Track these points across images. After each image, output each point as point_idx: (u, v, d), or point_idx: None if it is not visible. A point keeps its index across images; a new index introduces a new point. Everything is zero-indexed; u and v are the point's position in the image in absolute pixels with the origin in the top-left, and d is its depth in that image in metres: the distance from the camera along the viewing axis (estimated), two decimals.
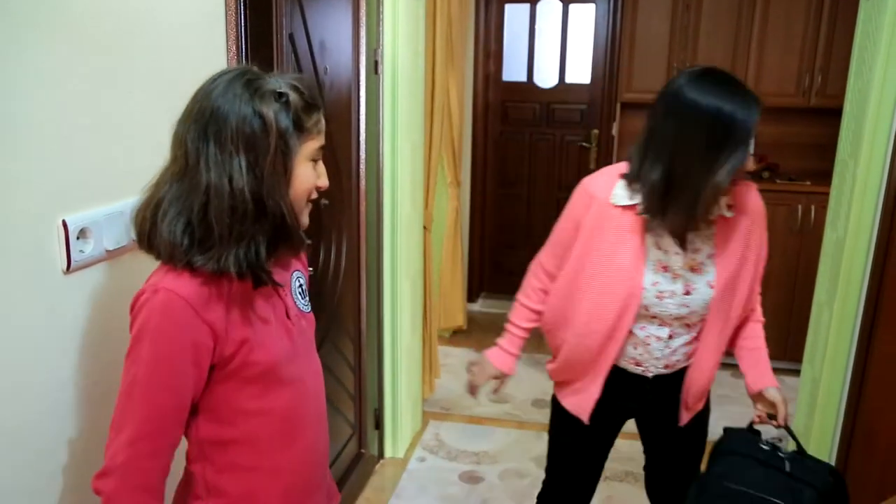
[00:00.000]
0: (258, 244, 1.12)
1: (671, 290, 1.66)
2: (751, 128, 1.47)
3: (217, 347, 1.14)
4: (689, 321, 1.71)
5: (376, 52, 2.70)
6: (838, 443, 2.77)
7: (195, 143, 1.10)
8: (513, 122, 4.92)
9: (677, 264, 1.65)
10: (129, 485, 1.11)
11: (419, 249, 3.25)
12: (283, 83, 1.13)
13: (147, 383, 1.10)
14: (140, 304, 1.11)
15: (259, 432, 1.22)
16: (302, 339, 1.29)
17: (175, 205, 1.11)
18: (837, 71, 3.92)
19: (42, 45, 1.16)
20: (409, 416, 3.22)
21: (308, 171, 1.17)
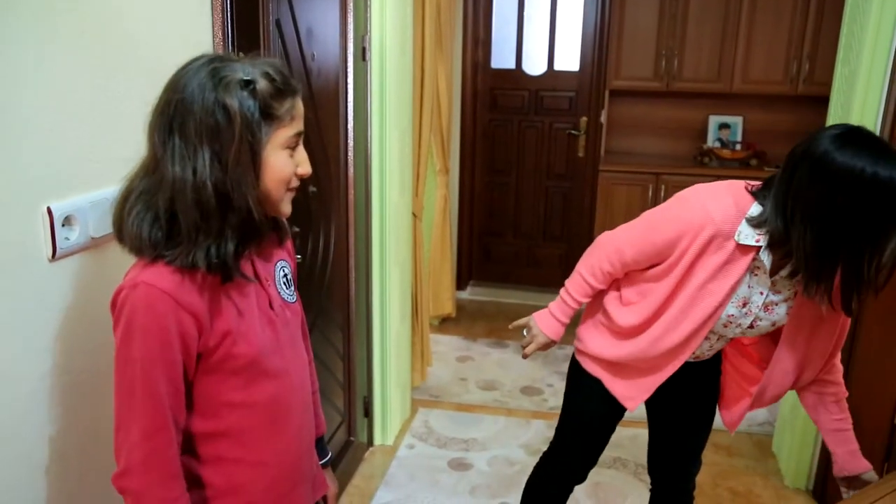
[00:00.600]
0: (226, 239, 1.10)
1: (739, 323, 1.67)
2: None
3: (202, 337, 1.13)
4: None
5: (364, 39, 2.69)
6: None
7: (161, 136, 1.08)
8: (501, 109, 4.91)
9: (756, 301, 1.63)
10: (155, 477, 1.11)
11: (408, 237, 3.24)
12: (253, 70, 1.09)
13: (146, 380, 1.09)
14: (121, 301, 1.10)
15: (244, 424, 1.21)
16: (286, 331, 1.27)
17: (142, 199, 1.10)
18: (825, 58, 3.93)
19: (24, 33, 1.14)
20: (398, 403, 3.23)
21: (282, 160, 1.14)
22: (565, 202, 4.91)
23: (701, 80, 4.22)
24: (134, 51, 1.40)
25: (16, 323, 1.18)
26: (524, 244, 5.02)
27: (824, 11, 3.97)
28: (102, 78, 1.32)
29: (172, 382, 1.11)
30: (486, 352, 4.20)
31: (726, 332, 1.72)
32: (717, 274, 1.58)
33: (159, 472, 1.12)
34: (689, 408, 1.95)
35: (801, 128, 4.33)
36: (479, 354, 4.16)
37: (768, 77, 4.15)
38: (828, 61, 3.67)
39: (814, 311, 1.58)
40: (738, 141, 4.44)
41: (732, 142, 4.44)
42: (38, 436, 1.25)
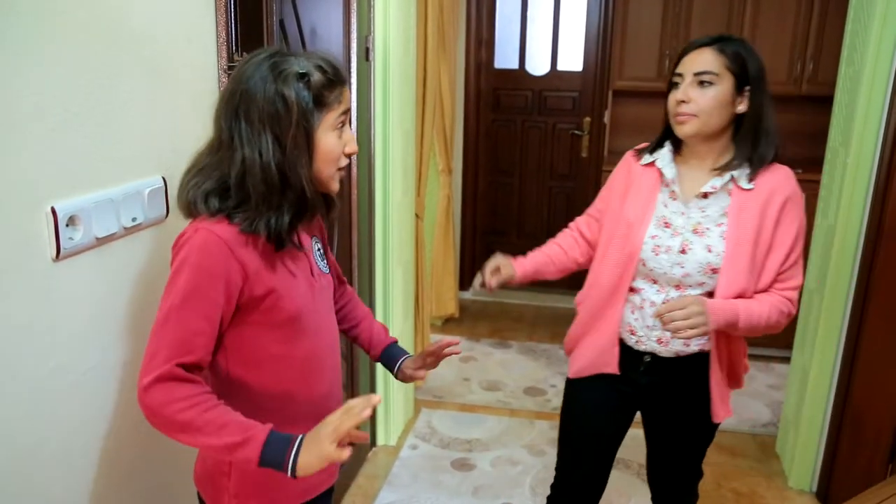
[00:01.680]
0: (284, 213, 1.23)
1: (668, 246, 1.70)
2: None
3: (245, 287, 1.23)
4: (689, 291, 1.70)
5: (367, 39, 2.69)
6: (827, 430, 2.80)
7: (228, 122, 1.22)
8: (505, 109, 4.91)
9: (680, 222, 1.71)
10: (170, 386, 1.16)
11: (411, 237, 3.24)
12: (307, 64, 1.23)
13: (181, 309, 1.18)
14: (181, 242, 1.22)
15: (282, 376, 1.32)
16: (322, 296, 1.40)
17: (205, 171, 1.25)
18: (829, 58, 3.92)
19: (29, 32, 1.14)
20: (401, 403, 3.23)
21: (333, 140, 1.27)
22: (569, 202, 4.91)
23: None
24: (138, 50, 1.40)
25: (20, 323, 1.18)
26: (527, 244, 4.96)
27: (828, 11, 3.96)
28: (106, 77, 1.32)
29: (208, 320, 1.20)
30: (489, 352, 4.19)
31: (661, 265, 1.70)
32: (632, 200, 1.76)
33: (174, 391, 1.16)
34: (683, 425, 1.91)
35: (806, 128, 4.33)
36: (482, 355, 4.16)
37: (772, 77, 4.06)
38: (832, 61, 3.67)
39: (748, 230, 1.65)
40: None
41: None
42: (43, 435, 1.25)
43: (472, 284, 1.91)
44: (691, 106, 1.66)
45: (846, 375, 2.69)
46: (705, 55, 1.67)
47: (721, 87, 1.65)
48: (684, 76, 1.67)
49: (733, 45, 1.68)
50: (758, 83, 1.68)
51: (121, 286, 1.39)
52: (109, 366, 1.39)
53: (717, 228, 1.68)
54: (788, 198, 1.68)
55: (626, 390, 1.87)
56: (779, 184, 1.68)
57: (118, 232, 1.36)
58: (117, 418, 1.41)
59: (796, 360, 3.04)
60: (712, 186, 1.68)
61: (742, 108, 1.68)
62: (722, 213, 1.68)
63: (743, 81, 1.67)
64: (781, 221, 1.67)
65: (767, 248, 1.67)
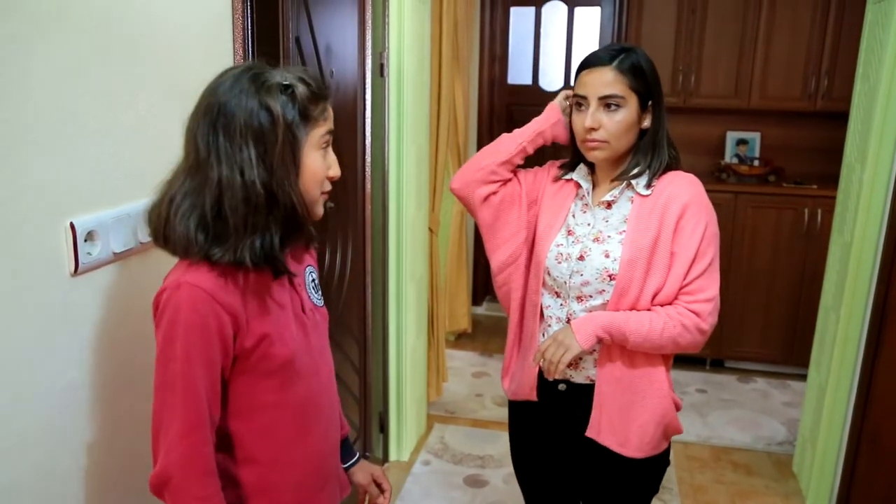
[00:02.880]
0: (272, 234, 1.15)
1: (568, 253, 1.65)
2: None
3: (238, 337, 1.16)
4: (590, 302, 1.62)
5: (382, 56, 2.71)
6: (845, 448, 2.76)
7: (205, 139, 1.12)
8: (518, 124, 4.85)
9: (582, 231, 1.66)
10: (192, 474, 1.13)
11: (424, 252, 3.25)
12: (290, 76, 1.16)
13: (186, 378, 1.11)
14: (164, 301, 1.13)
15: (277, 424, 1.24)
16: (316, 333, 1.31)
17: (188, 199, 1.13)
18: (844, 74, 3.91)
19: (50, 48, 1.16)
20: (413, 419, 3.22)
21: (318, 160, 1.20)
22: None
23: (718, 95, 4.20)
24: (157, 68, 1.42)
25: (39, 337, 1.19)
26: None
27: (842, 27, 3.95)
28: (126, 94, 1.34)
29: (211, 381, 1.14)
30: None
31: (562, 273, 1.64)
32: (543, 210, 1.74)
33: (196, 469, 1.13)
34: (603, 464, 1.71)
35: (820, 144, 4.31)
36: (495, 370, 4.14)
37: (786, 93, 4.13)
38: (846, 77, 3.65)
39: (647, 236, 1.58)
40: (755, 157, 4.41)
41: (750, 158, 4.41)
42: (62, 448, 1.26)
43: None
44: (601, 132, 1.58)
45: (864, 393, 2.66)
46: (606, 76, 1.57)
47: (628, 110, 1.58)
48: (588, 99, 1.59)
49: (630, 58, 1.58)
50: (657, 94, 1.63)
51: (137, 301, 1.40)
52: (127, 379, 1.39)
53: (617, 235, 1.62)
54: (688, 203, 1.58)
55: (549, 420, 1.75)
56: (679, 189, 1.60)
57: (135, 247, 1.37)
58: (132, 435, 1.42)
59: (813, 377, 3.01)
60: (612, 195, 1.64)
61: (648, 124, 1.63)
62: (623, 221, 1.63)
63: (647, 97, 1.60)
64: (682, 228, 1.57)
65: (669, 256, 1.57)
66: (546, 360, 1.59)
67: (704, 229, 1.57)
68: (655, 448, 1.67)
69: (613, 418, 1.65)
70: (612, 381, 1.64)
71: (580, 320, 1.59)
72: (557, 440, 1.76)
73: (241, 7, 1.69)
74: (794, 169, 4.32)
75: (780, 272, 4.03)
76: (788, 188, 4.06)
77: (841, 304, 2.72)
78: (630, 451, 1.65)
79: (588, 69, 1.61)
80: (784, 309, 4.05)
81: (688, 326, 1.56)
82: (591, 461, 1.71)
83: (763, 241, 4.04)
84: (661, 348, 1.59)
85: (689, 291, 1.57)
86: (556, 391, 1.71)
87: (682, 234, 1.57)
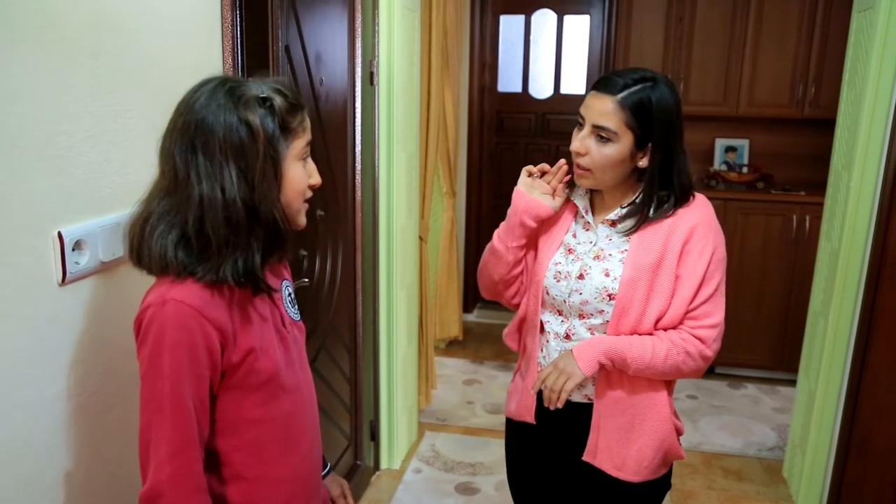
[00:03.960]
0: (254, 252, 1.13)
1: (567, 271, 1.60)
2: None
3: (225, 352, 1.14)
4: (590, 321, 1.58)
5: (372, 64, 2.71)
6: (835, 453, 2.77)
7: (183, 157, 1.10)
8: (508, 132, 4.93)
9: (583, 249, 1.62)
10: (183, 493, 1.11)
11: (415, 260, 3.25)
12: (266, 88, 1.14)
13: (175, 396, 1.09)
14: (149, 318, 1.10)
15: (262, 440, 1.22)
16: (295, 347, 1.30)
17: (165, 219, 1.11)
18: (831, 82, 3.94)
19: (37, 57, 1.16)
20: (404, 427, 3.21)
21: (299, 172, 1.18)
22: None
23: (707, 103, 4.23)
24: (145, 77, 1.42)
25: (26, 346, 1.18)
26: None
27: (829, 35, 3.98)
28: (115, 102, 1.34)
29: (199, 398, 1.12)
30: (493, 375, 4.18)
31: (561, 292, 1.60)
32: (547, 236, 1.68)
33: (188, 487, 1.12)
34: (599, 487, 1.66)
35: (808, 151, 4.34)
36: (486, 377, 4.14)
37: (774, 100, 4.16)
38: (833, 84, 3.69)
39: (650, 256, 1.52)
40: (744, 164, 4.44)
41: (739, 164, 4.44)
42: (48, 458, 1.25)
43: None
44: (587, 160, 1.53)
45: (853, 398, 2.67)
46: (606, 105, 1.49)
47: (619, 146, 1.50)
48: (585, 121, 1.53)
49: (640, 93, 1.49)
50: (663, 136, 1.51)
51: (125, 310, 1.40)
52: (112, 391, 1.39)
53: (618, 254, 1.57)
54: (696, 225, 1.52)
55: (546, 441, 1.71)
56: (689, 210, 1.55)
57: (123, 256, 1.37)
58: (120, 446, 1.41)
59: (802, 383, 3.03)
60: (617, 214, 1.58)
61: (644, 164, 1.53)
62: (625, 240, 1.57)
63: (645, 138, 1.51)
64: (689, 252, 1.52)
65: (673, 279, 1.52)
66: (547, 387, 1.54)
67: (712, 253, 1.53)
68: (654, 473, 1.62)
69: (611, 441, 1.60)
70: (611, 402, 1.59)
71: (581, 346, 1.54)
72: (554, 462, 1.71)
73: (231, 15, 1.69)
74: (782, 175, 4.34)
75: (769, 278, 4.05)
76: (777, 195, 4.09)
77: (829, 309, 2.74)
78: (627, 474, 1.60)
79: (595, 91, 1.53)
80: (773, 315, 4.07)
81: (691, 353, 1.52)
82: (587, 484, 1.66)
83: (752, 247, 4.06)
84: (663, 375, 1.55)
85: (694, 317, 1.53)
86: (555, 410, 1.62)
87: (688, 257, 1.52)
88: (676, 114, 1.54)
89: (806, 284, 3.40)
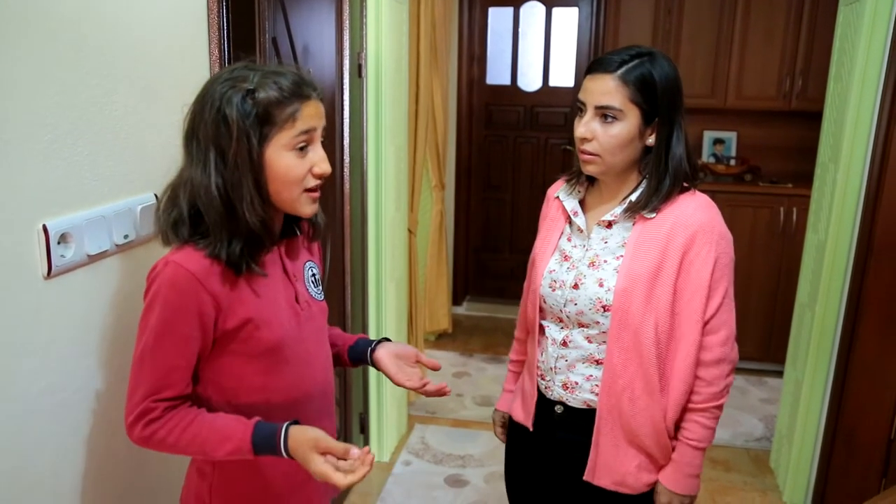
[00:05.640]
0: (235, 238, 1.18)
1: (562, 281, 1.55)
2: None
3: (220, 318, 1.20)
4: (588, 331, 1.53)
5: (360, 56, 2.70)
6: (821, 444, 2.80)
7: (186, 141, 1.20)
8: (497, 125, 4.93)
9: (578, 255, 1.56)
10: (148, 433, 1.18)
11: (404, 253, 3.24)
12: (264, 79, 1.17)
13: (155, 347, 1.17)
14: (153, 276, 1.19)
15: (264, 408, 1.26)
16: (310, 324, 1.34)
17: (169, 196, 1.22)
18: (818, 75, 3.96)
19: (20, 49, 1.15)
20: (394, 419, 3.21)
21: (289, 161, 1.19)
22: None
23: (695, 95, 4.24)
24: (131, 68, 1.40)
25: (10, 341, 1.17)
26: (520, 259, 5.02)
27: (816, 28, 4.00)
28: (101, 94, 1.32)
29: (183, 355, 1.19)
30: (483, 367, 4.19)
31: (557, 301, 1.55)
32: (541, 232, 1.67)
33: (153, 428, 1.18)
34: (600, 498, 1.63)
35: (795, 143, 4.36)
36: (476, 370, 4.15)
37: (762, 93, 4.18)
38: (821, 77, 3.70)
39: (646, 265, 1.46)
40: (732, 156, 4.46)
41: (727, 157, 4.46)
42: (30, 457, 1.24)
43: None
44: (594, 144, 1.46)
45: (839, 389, 2.70)
46: (607, 84, 1.43)
47: (626, 124, 1.44)
48: (586, 106, 1.47)
49: (640, 67, 1.44)
50: (668, 110, 1.47)
51: (112, 303, 1.39)
52: (99, 385, 1.38)
53: (614, 261, 1.50)
54: (697, 231, 1.45)
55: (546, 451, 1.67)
56: (688, 215, 1.47)
57: (110, 249, 1.36)
58: (107, 439, 1.40)
59: (789, 374, 3.05)
60: (613, 214, 1.52)
61: (652, 141, 1.48)
62: (621, 245, 1.51)
63: (652, 113, 1.46)
64: (692, 261, 1.46)
65: (671, 293, 1.46)
66: None
67: (714, 261, 1.46)
68: (652, 486, 1.58)
69: (609, 456, 1.55)
70: (613, 417, 1.53)
71: (667, 477, 1.53)
72: (553, 477, 1.67)
73: (217, 7, 1.68)
74: (769, 168, 4.37)
75: (757, 270, 4.07)
76: (764, 187, 4.11)
77: (816, 301, 2.76)
78: (627, 489, 1.56)
79: (591, 74, 1.47)
80: (761, 307, 4.10)
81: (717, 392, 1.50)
82: (587, 497, 1.61)
83: (739, 239, 4.05)
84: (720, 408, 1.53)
85: (706, 330, 1.48)
86: (553, 414, 1.62)
87: (691, 268, 1.46)
88: (677, 86, 1.49)
89: (793, 276, 3.43)
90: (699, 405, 1.50)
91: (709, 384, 1.49)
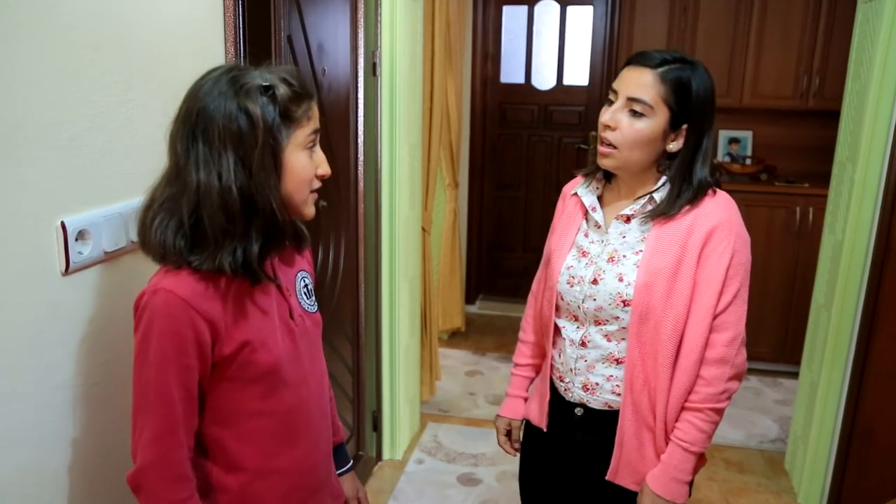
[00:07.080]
0: (251, 240, 1.13)
1: (581, 276, 1.54)
2: None
3: (216, 345, 1.14)
4: (606, 328, 1.52)
5: (374, 54, 2.70)
6: (836, 446, 2.77)
7: (184, 144, 1.11)
8: (511, 123, 4.92)
9: (596, 251, 1.55)
10: (163, 478, 1.13)
11: (417, 251, 3.24)
12: (271, 76, 1.13)
13: (159, 383, 1.11)
14: (142, 306, 1.12)
15: (262, 433, 1.22)
16: (305, 340, 1.29)
17: (165, 206, 1.13)
18: (835, 73, 3.92)
19: (40, 47, 1.16)
20: (407, 417, 3.22)
21: (303, 160, 1.17)
22: None
23: None
24: (148, 66, 1.41)
25: (29, 336, 1.18)
26: (533, 258, 5.01)
27: (834, 26, 3.96)
28: (119, 91, 1.33)
29: (185, 387, 1.13)
30: (495, 366, 4.18)
31: (575, 298, 1.54)
32: (558, 233, 1.63)
33: (168, 473, 1.13)
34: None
35: (812, 142, 4.32)
36: (489, 369, 4.15)
37: (778, 92, 4.15)
38: (838, 76, 3.66)
39: (667, 260, 1.45)
40: (748, 155, 4.43)
41: (742, 156, 4.43)
42: (51, 447, 1.25)
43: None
44: (616, 135, 1.45)
45: (855, 391, 2.67)
46: (644, 77, 1.44)
47: (652, 122, 1.44)
48: (618, 95, 1.47)
49: (680, 71, 1.44)
50: (700, 120, 1.46)
51: (128, 300, 1.39)
52: (116, 379, 1.39)
53: (633, 256, 1.49)
54: (716, 227, 1.44)
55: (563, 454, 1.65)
56: (709, 210, 1.46)
57: (126, 246, 1.37)
58: (121, 435, 1.41)
59: (804, 375, 3.03)
60: (632, 209, 1.51)
61: (674, 147, 1.47)
62: (641, 240, 1.49)
63: (680, 118, 1.45)
64: (708, 254, 1.44)
65: (691, 287, 1.44)
66: None
67: (731, 257, 1.45)
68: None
69: (633, 456, 1.53)
70: (637, 416, 1.52)
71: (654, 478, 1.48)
72: (571, 479, 1.65)
73: (233, 5, 1.68)
74: (786, 167, 4.33)
75: (772, 270, 4.04)
76: (780, 186, 4.07)
77: (832, 301, 2.73)
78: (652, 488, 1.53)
79: (631, 65, 1.48)
80: (776, 307, 4.07)
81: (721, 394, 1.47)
82: (606, 500, 1.60)
83: (755, 239, 4.00)
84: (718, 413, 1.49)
85: (714, 328, 1.46)
86: (573, 416, 1.60)
87: (707, 261, 1.44)
88: (712, 100, 1.48)
89: (809, 276, 3.40)
90: (695, 404, 1.48)
91: (707, 383, 1.47)
